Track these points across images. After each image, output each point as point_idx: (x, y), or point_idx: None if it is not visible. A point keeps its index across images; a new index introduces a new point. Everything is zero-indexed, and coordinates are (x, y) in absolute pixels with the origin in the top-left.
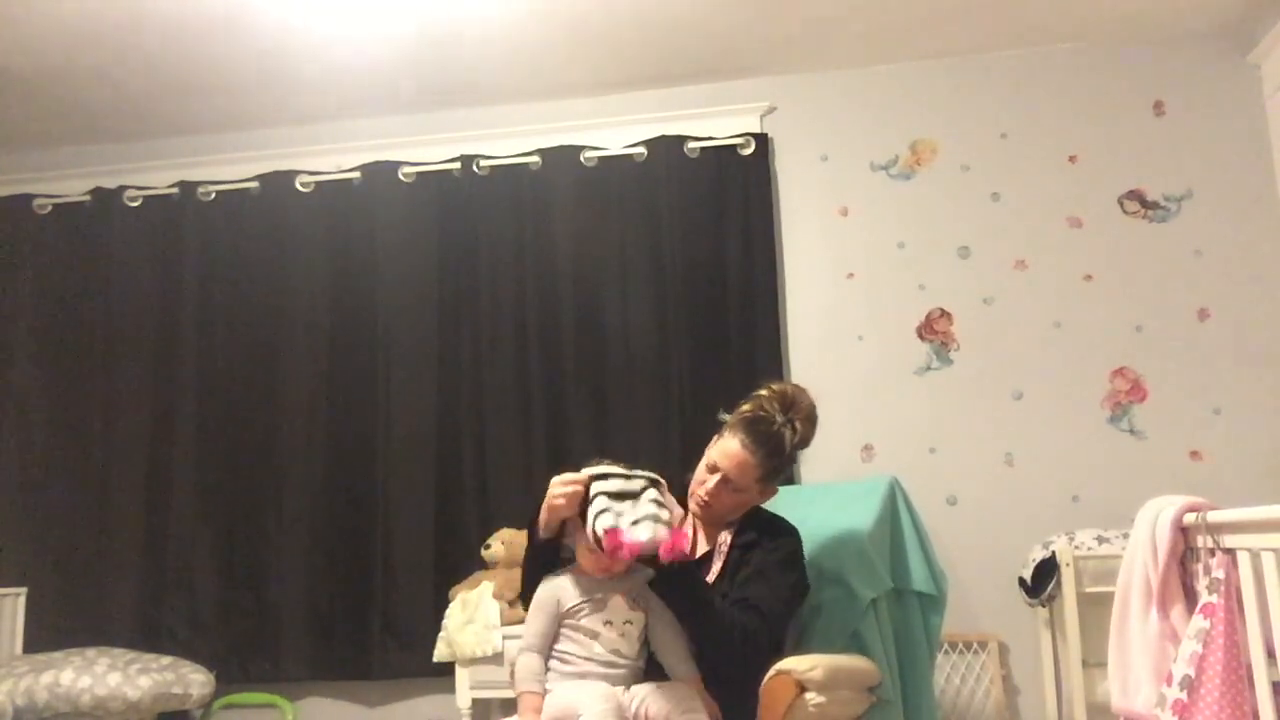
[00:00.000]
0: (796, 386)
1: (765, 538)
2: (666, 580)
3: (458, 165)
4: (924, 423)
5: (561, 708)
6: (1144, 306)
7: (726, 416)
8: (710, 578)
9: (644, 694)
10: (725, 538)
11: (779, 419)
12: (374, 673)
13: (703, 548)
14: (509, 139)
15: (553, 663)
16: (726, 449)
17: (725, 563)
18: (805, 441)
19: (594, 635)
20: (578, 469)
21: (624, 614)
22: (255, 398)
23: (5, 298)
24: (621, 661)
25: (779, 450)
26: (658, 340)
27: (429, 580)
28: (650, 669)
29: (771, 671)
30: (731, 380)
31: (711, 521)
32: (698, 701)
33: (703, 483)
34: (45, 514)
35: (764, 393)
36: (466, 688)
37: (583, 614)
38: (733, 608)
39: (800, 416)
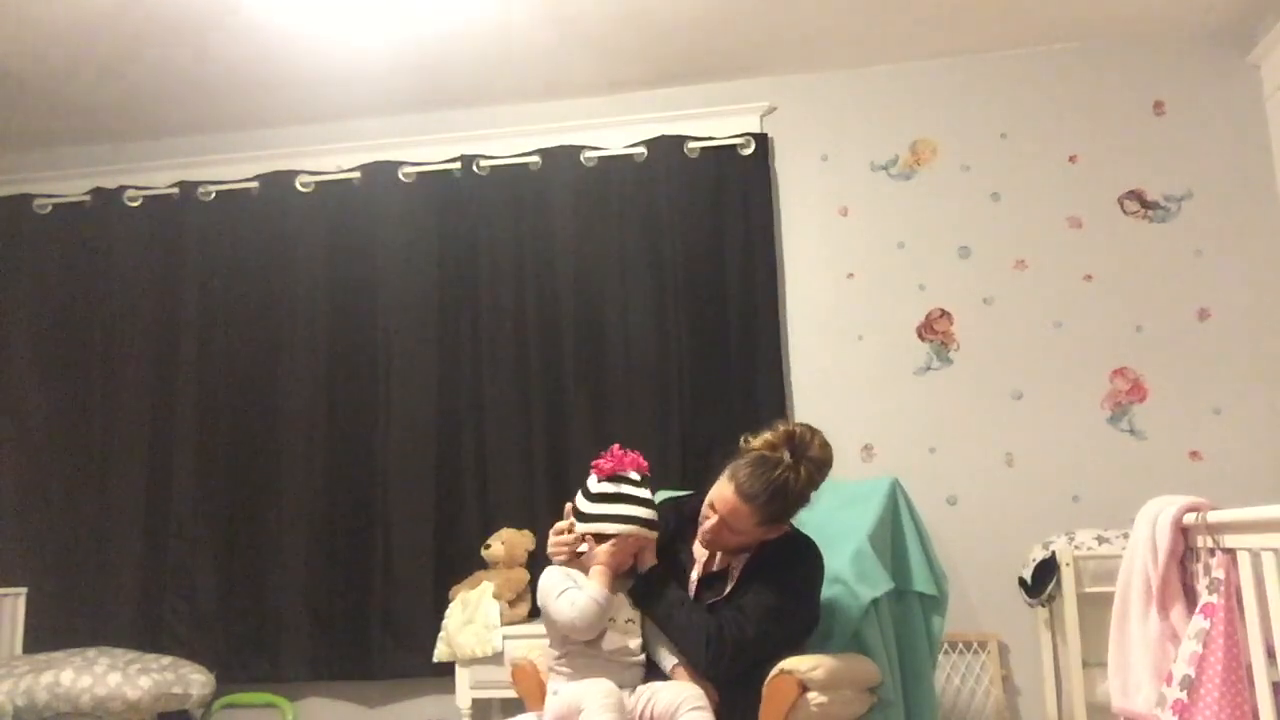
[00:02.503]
0: (809, 427)
1: (780, 562)
2: (638, 587)
3: (458, 165)
4: (924, 423)
5: (566, 704)
6: (1144, 306)
7: (748, 441)
8: (718, 597)
9: (649, 693)
10: (740, 560)
11: (785, 461)
12: (374, 673)
13: (713, 568)
14: (509, 139)
15: (560, 665)
16: (723, 494)
17: (736, 584)
18: (813, 485)
19: (599, 632)
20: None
21: (626, 611)
22: (255, 398)
23: (5, 298)
24: (626, 659)
25: (778, 497)
26: (658, 340)
27: (429, 580)
28: (651, 671)
29: (774, 671)
30: (731, 380)
31: (723, 551)
32: (704, 700)
33: (706, 518)
34: (45, 514)
35: (769, 435)
36: (466, 688)
37: None
38: (707, 612)
39: (809, 460)
